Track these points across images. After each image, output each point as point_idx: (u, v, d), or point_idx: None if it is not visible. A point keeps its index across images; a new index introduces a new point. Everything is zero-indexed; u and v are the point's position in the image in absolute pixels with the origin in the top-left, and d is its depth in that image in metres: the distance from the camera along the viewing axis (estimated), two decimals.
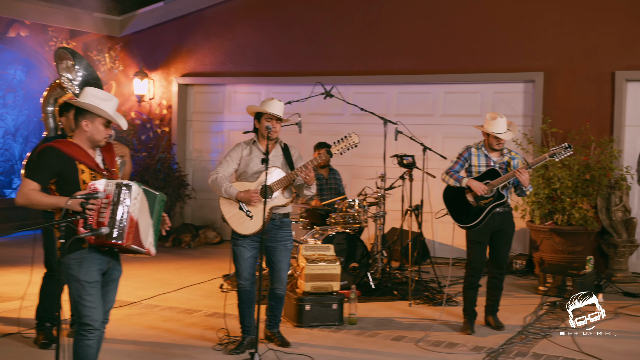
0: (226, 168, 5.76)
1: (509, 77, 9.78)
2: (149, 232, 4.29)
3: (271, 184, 5.66)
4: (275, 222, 5.79)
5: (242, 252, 5.70)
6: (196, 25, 11.66)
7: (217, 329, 6.17)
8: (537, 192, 8.71)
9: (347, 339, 6.22)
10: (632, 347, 6.04)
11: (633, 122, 9.18)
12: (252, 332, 5.70)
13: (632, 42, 9.06)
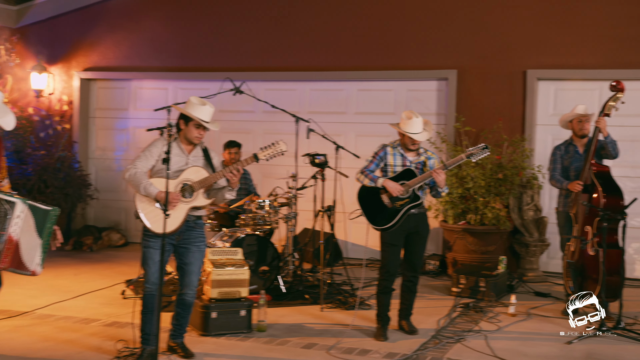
0: (145, 163, 5.39)
1: (422, 75, 9.65)
2: (35, 253, 3.88)
3: (193, 183, 5.39)
4: (190, 223, 5.46)
5: (152, 253, 5.33)
6: (99, 17, 11.10)
7: (117, 339, 5.75)
8: (451, 191, 8.61)
9: (255, 347, 5.91)
10: (544, 350, 5.95)
11: (544, 121, 9.19)
12: (152, 342, 5.31)
13: (543, 40, 9.07)
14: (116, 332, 6.14)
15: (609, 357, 5.78)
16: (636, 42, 8.69)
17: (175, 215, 5.31)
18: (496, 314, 7.07)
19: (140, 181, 5.31)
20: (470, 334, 6.36)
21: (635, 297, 7.94)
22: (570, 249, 7.00)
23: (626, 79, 7.95)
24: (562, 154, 7.23)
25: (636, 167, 8.87)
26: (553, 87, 9.19)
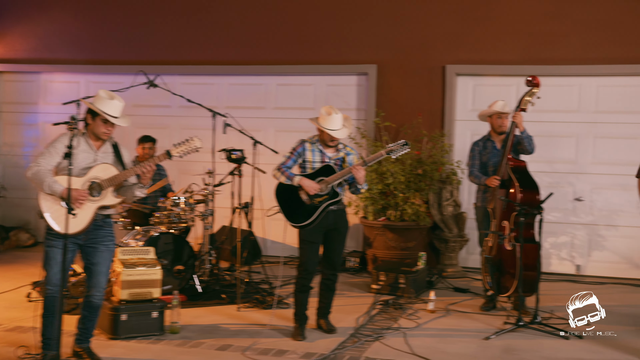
0: (49, 160, 5.08)
1: (342, 70, 9.55)
2: None
3: (101, 181, 5.12)
4: (98, 221, 5.18)
5: (55, 253, 5.03)
6: (5, 7, 10.58)
7: (18, 345, 5.41)
8: (371, 187, 8.53)
9: (167, 350, 5.66)
10: (462, 346, 5.90)
11: (463, 116, 9.20)
12: (54, 347, 5.01)
13: (462, 36, 9.08)
14: (18, 337, 5.80)
15: (526, 351, 5.77)
16: (552, 38, 8.79)
17: (83, 214, 5.04)
18: (415, 311, 7.01)
19: (44, 179, 5.01)
20: (389, 331, 6.28)
21: (551, 291, 8.01)
22: (488, 244, 7.00)
23: (542, 74, 8.07)
24: (480, 150, 7.22)
25: (552, 162, 8.96)
26: (472, 82, 9.22)
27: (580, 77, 8.84)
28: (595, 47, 8.65)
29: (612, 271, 8.80)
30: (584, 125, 8.91)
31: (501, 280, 6.80)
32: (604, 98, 8.83)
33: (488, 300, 7.18)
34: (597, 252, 8.93)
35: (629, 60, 8.54)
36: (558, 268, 9.03)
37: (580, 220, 8.97)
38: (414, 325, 6.49)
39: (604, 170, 8.82)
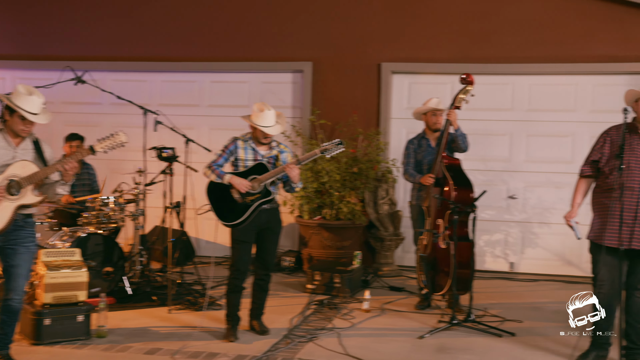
0: None
1: (277, 67, 9.42)
2: None
3: (20, 179, 4.89)
4: (18, 222, 4.95)
5: None
6: None
7: None
8: (306, 186, 8.43)
9: (93, 355, 5.46)
10: (396, 346, 5.85)
11: (399, 114, 9.18)
12: None
13: (397, 34, 9.05)
14: None
15: (459, 349, 5.76)
16: (486, 36, 8.83)
17: (1, 214, 4.81)
18: (350, 310, 6.94)
19: None
20: (323, 332, 6.19)
21: (485, 289, 8.06)
22: (422, 243, 6.97)
23: (477, 73, 8.07)
24: (415, 148, 7.20)
25: (487, 160, 9.01)
26: (407, 80, 9.21)
27: (514, 76, 8.91)
28: (528, 46, 8.73)
29: (545, 268, 8.90)
30: (518, 124, 8.98)
31: (436, 279, 6.78)
32: (536, 96, 8.92)
33: (423, 298, 7.16)
34: (530, 249, 9.02)
35: (560, 59, 8.63)
36: (492, 266, 9.08)
37: (513, 218, 9.04)
38: (348, 325, 6.42)
39: (536, 169, 8.91)
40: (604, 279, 5.25)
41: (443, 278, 6.65)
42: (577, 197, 5.48)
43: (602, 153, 5.31)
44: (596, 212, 5.32)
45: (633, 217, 5.04)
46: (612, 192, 5.15)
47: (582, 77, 8.70)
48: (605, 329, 5.35)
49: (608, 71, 8.46)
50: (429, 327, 6.32)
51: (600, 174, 5.32)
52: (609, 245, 5.11)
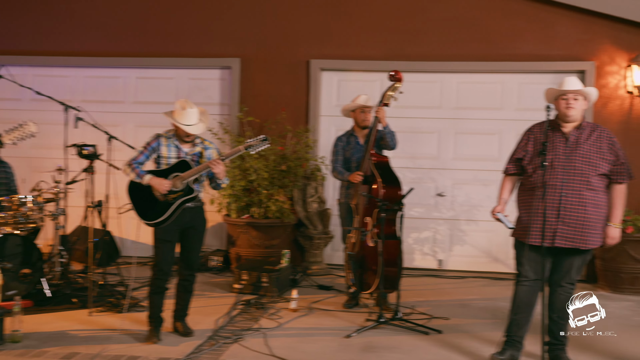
0: None
1: (205, 63, 9.25)
2: None
3: None
4: None
5: None
6: None
7: None
8: (234, 184, 8.29)
9: None
10: (323, 345, 5.77)
11: (328, 111, 9.12)
12: None
13: (326, 31, 8.99)
14: None
15: (386, 348, 5.71)
16: (415, 34, 8.84)
17: None
18: (278, 310, 6.84)
19: None
20: (249, 332, 6.06)
21: (414, 287, 8.07)
22: (351, 241, 6.92)
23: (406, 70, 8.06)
24: (343, 145, 7.14)
25: (415, 158, 9.03)
26: (336, 77, 9.15)
27: (442, 74, 8.95)
28: (455, 44, 8.77)
29: (473, 265, 8.97)
30: (446, 122, 9.02)
31: (364, 277, 6.74)
32: (464, 94, 8.97)
33: (351, 297, 7.10)
34: (459, 246, 9.07)
35: (487, 58, 8.71)
36: (421, 263, 9.10)
37: (442, 216, 9.09)
38: (275, 325, 6.32)
39: (464, 166, 8.96)
40: (526, 275, 5.28)
41: (371, 276, 6.61)
42: (503, 193, 5.48)
43: (525, 151, 5.33)
44: (521, 210, 5.33)
45: (556, 214, 5.07)
46: (535, 190, 5.17)
47: (508, 76, 8.80)
48: (522, 326, 5.36)
49: (533, 70, 8.57)
50: (356, 326, 6.26)
51: (525, 172, 5.34)
52: (532, 243, 5.13)
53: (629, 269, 7.88)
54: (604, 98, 8.49)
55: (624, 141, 8.46)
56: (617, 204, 5.25)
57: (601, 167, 5.13)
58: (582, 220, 5.06)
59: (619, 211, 5.26)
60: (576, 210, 5.06)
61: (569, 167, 5.09)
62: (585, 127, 5.24)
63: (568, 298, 5.29)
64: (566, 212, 5.06)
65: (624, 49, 8.42)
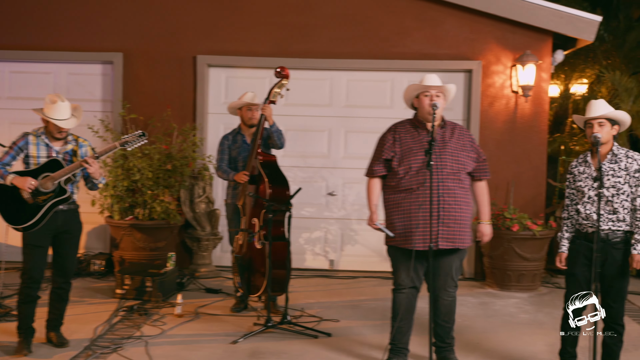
0: None
1: (85, 57, 8.78)
2: None
3: None
4: None
5: None
6: None
7: None
8: (116, 184, 7.92)
9: None
10: (208, 352, 5.54)
11: (216, 109, 8.85)
12: None
13: (213, 26, 8.72)
14: None
15: (273, 353, 5.54)
16: (304, 31, 8.69)
17: None
18: (162, 316, 6.55)
19: None
20: (130, 341, 5.76)
21: (305, 288, 7.94)
22: (238, 243, 6.70)
23: (295, 67, 7.95)
24: (229, 144, 6.91)
25: (306, 156, 8.88)
26: (224, 74, 8.89)
27: (332, 71, 8.83)
28: (345, 42, 8.68)
29: (364, 265, 8.90)
30: (336, 120, 8.92)
31: (251, 280, 6.53)
32: (354, 92, 8.89)
33: (239, 300, 6.89)
34: (350, 246, 8.99)
35: (376, 56, 8.66)
36: (312, 264, 8.97)
37: (333, 215, 8.98)
38: (158, 332, 6.04)
39: (354, 165, 8.85)
40: (404, 284, 5.16)
41: (259, 279, 6.40)
42: (373, 199, 5.26)
43: (394, 152, 5.16)
44: (393, 215, 5.13)
45: (436, 217, 4.95)
46: (409, 192, 5.03)
47: (398, 74, 8.76)
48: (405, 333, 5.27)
49: (422, 68, 8.53)
50: (244, 331, 6.06)
51: (393, 174, 5.16)
52: (418, 248, 4.96)
53: (516, 267, 8.00)
54: (490, 97, 8.60)
55: (509, 138, 8.64)
56: (484, 201, 5.28)
57: (468, 164, 5.12)
58: (459, 219, 5.00)
59: (487, 208, 5.29)
60: (453, 210, 4.98)
61: (441, 166, 5.00)
62: (447, 125, 5.20)
63: (453, 302, 5.24)
64: (445, 213, 4.97)
65: (509, 49, 8.55)
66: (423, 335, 5.36)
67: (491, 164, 8.44)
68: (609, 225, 4.76)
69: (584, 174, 4.88)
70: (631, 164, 4.78)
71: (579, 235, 4.92)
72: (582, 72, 11.24)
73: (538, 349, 5.86)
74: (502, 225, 7.98)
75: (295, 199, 6.35)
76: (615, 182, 4.76)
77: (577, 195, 4.95)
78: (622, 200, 4.76)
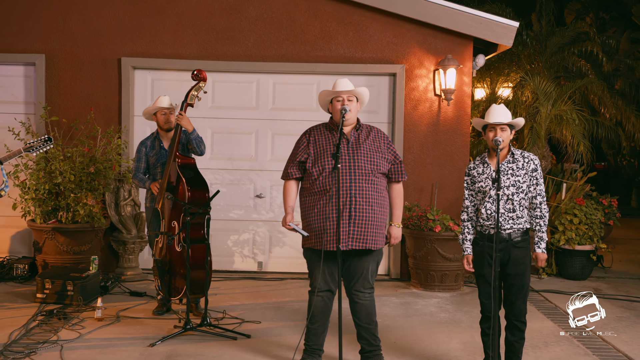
0: None
1: (6, 59, 8.66)
2: None
3: None
4: None
5: None
6: None
7: None
8: (38, 187, 7.84)
9: None
10: (123, 356, 5.54)
11: (141, 111, 8.78)
12: None
13: (138, 28, 8.70)
14: None
15: (190, 356, 5.57)
16: (229, 33, 8.72)
17: None
18: (81, 320, 6.51)
19: None
20: (45, 345, 5.72)
21: (232, 290, 7.98)
22: (158, 246, 6.69)
23: (222, 70, 8.02)
24: (147, 151, 6.90)
25: (233, 159, 8.91)
26: (150, 76, 8.86)
27: (258, 74, 8.88)
28: (271, 45, 8.74)
29: (292, 266, 8.96)
30: (263, 122, 8.96)
31: (172, 282, 6.53)
32: (280, 95, 8.96)
33: (161, 304, 6.89)
34: (278, 248, 9.05)
35: (302, 59, 8.73)
36: (241, 266, 9.01)
37: (261, 217, 9.03)
38: (75, 337, 6.00)
39: (282, 167, 8.83)
40: (319, 286, 5.22)
41: (179, 281, 6.41)
42: (289, 200, 5.35)
43: (308, 153, 5.28)
44: (309, 217, 5.22)
45: (347, 217, 5.05)
46: (322, 194, 5.13)
47: (323, 77, 8.85)
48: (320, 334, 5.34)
49: (347, 72, 8.67)
50: (164, 334, 6.07)
51: (308, 175, 5.27)
52: (328, 249, 5.05)
53: (438, 267, 8.16)
54: (414, 100, 8.75)
55: (433, 141, 8.80)
56: (397, 204, 5.37)
57: (382, 166, 5.21)
58: (371, 220, 5.09)
59: (400, 211, 5.39)
60: (365, 211, 5.08)
61: (354, 167, 5.11)
62: (362, 127, 5.30)
63: (370, 303, 5.26)
64: (357, 214, 5.07)
65: (432, 53, 8.72)
66: (348, 334, 5.41)
67: (415, 166, 8.69)
68: (510, 224, 4.92)
69: (483, 175, 5.03)
70: (528, 163, 4.96)
71: (482, 237, 5.06)
72: (507, 76, 11.54)
73: (452, 347, 6.00)
74: (425, 227, 8.13)
75: (223, 202, 6.39)
76: (515, 181, 4.92)
77: (476, 197, 5.10)
78: (521, 199, 4.93)
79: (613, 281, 9.10)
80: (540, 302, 7.73)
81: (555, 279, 9.07)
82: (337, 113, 5.20)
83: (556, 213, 9.32)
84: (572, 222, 9.05)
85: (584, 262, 9.06)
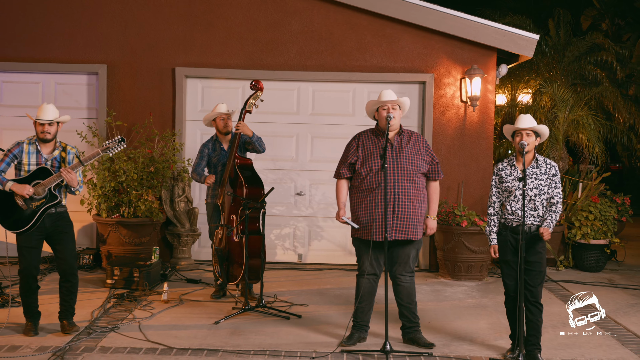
0: None
1: (71, 68, 9.51)
2: None
3: None
4: None
5: None
6: None
7: None
8: (104, 185, 8.68)
9: None
10: (194, 331, 6.35)
11: (193, 116, 9.63)
12: None
13: (190, 40, 9.50)
14: None
15: (251, 332, 6.35)
16: (273, 45, 9.52)
17: None
18: (150, 302, 7.33)
19: None
20: (124, 322, 6.54)
21: (276, 279, 8.73)
22: (218, 237, 7.51)
23: (265, 79, 8.80)
24: (209, 152, 7.69)
25: (276, 160, 9.71)
26: (200, 84, 9.68)
27: (299, 82, 9.68)
28: (311, 55, 9.52)
29: (330, 258, 9.77)
30: (303, 126, 9.77)
31: (230, 269, 7.34)
32: (319, 102, 9.75)
33: (219, 288, 7.69)
34: (316, 241, 9.84)
35: (339, 68, 9.51)
36: (282, 257, 9.81)
37: (301, 213, 9.82)
38: (148, 315, 6.82)
39: (320, 167, 9.70)
40: (366, 270, 6.01)
41: (237, 268, 7.23)
42: (341, 197, 6.15)
43: (357, 156, 6.05)
44: (358, 211, 6.01)
45: (391, 212, 5.84)
46: (370, 191, 5.91)
47: (359, 85, 9.65)
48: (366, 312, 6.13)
49: (380, 80, 9.45)
50: (224, 314, 6.86)
51: (357, 175, 6.03)
52: (376, 239, 5.83)
53: (465, 258, 8.90)
54: (442, 106, 9.52)
55: (459, 144, 9.56)
56: (434, 199, 6.17)
57: (422, 167, 6.00)
58: (412, 214, 5.91)
59: (436, 205, 6.20)
60: (407, 207, 5.89)
61: (398, 168, 5.90)
62: (404, 133, 6.07)
63: (410, 285, 6.09)
64: (400, 209, 5.87)
65: (459, 63, 9.47)
66: (389, 319, 6.16)
67: (443, 167, 9.46)
68: (531, 220, 5.69)
69: (510, 176, 5.80)
70: (550, 169, 5.73)
71: (505, 228, 5.82)
72: (527, 83, 12.24)
73: (480, 327, 6.77)
74: (452, 222, 8.88)
75: (267, 199, 7.18)
76: (538, 184, 5.69)
77: (502, 194, 5.86)
78: (542, 200, 5.71)
79: (625, 273, 9.80)
80: (558, 291, 8.46)
81: (572, 271, 9.78)
82: (382, 120, 5.96)
83: (573, 210, 10.04)
84: (588, 218, 9.78)
85: (598, 256, 9.78)
